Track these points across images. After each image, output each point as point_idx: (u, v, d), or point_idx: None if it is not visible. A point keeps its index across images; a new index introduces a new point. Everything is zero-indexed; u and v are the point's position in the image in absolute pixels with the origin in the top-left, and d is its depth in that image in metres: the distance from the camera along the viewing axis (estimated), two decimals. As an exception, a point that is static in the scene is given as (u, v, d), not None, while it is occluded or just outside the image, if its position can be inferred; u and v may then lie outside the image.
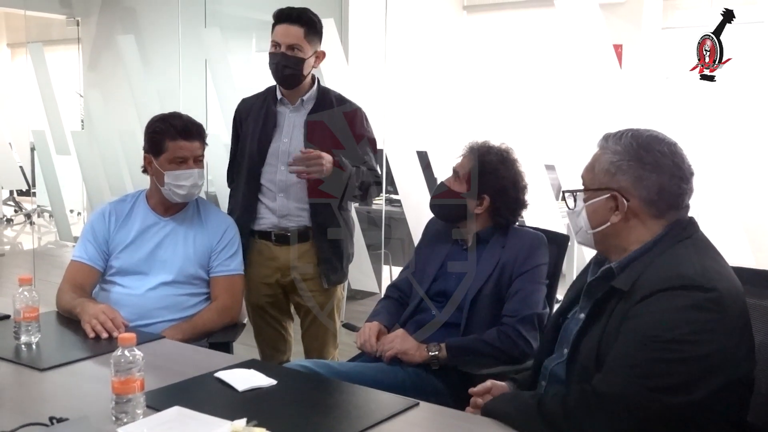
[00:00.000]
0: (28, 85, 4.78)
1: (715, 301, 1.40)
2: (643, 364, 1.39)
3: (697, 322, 1.39)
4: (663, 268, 1.47)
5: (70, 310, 2.30)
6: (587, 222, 1.60)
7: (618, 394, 1.38)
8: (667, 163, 1.51)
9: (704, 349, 1.38)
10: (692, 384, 1.37)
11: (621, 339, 1.45)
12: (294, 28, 2.59)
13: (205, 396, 1.69)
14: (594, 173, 1.59)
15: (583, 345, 1.56)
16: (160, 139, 2.37)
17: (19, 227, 8.58)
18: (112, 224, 2.44)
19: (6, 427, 1.41)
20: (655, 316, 1.41)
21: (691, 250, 1.49)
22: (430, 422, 1.61)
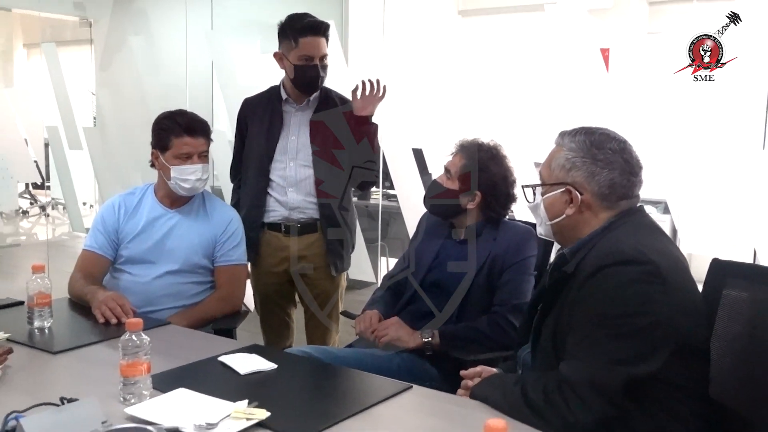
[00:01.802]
0: (43, 83, 4.77)
1: (653, 273, 1.43)
2: (600, 342, 1.43)
3: (638, 294, 1.43)
4: (602, 248, 1.51)
5: (81, 296, 2.31)
6: (545, 214, 1.65)
7: (585, 377, 1.41)
8: (618, 159, 1.56)
9: (650, 319, 1.42)
10: (648, 353, 1.41)
11: (575, 325, 1.49)
12: (323, 40, 2.64)
13: (209, 379, 1.69)
14: (551, 169, 1.64)
15: (543, 332, 1.61)
16: (167, 136, 2.37)
17: (34, 219, 8.56)
18: (122, 216, 2.44)
19: (19, 407, 1.41)
20: (599, 296, 1.46)
21: (630, 230, 1.54)
22: (423, 405, 1.61)
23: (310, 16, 2.67)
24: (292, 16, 2.68)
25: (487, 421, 1.04)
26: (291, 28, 2.64)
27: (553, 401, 1.41)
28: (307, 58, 2.62)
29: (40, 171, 6.93)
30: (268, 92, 2.81)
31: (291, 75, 2.67)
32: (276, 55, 2.71)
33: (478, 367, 1.72)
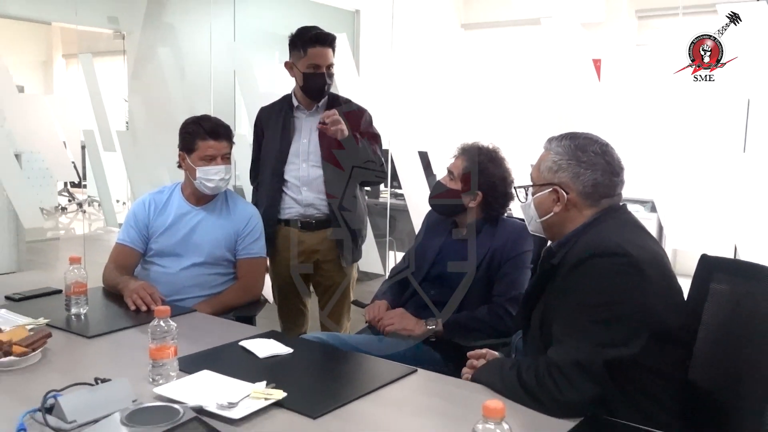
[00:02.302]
0: (80, 90, 4.78)
1: (631, 265, 1.44)
2: (583, 328, 1.44)
3: (617, 284, 1.44)
4: (585, 242, 1.53)
5: (114, 286, 2.32)
6: (536, 212, 1.66)
7: (570, 359, 1.41)
8: (600, 161, 1.58)
9: (627, 308, 1.43)
10: (626, 338, 1.42)
11: (560, 313, 1.50)
12: (329, 50, 2.64)
13: (231, 362, 1.70)
14: (540, 171, 1.66)
15: (532, 318, 1.62)
16: (192, 139, 2.38)
17: (72, 215, 8.61)
18: (152, 212, 2.45)
19: (57, 386, 1.42)
20: (582, 286, 1.47)
21: (612, 226, 1.55)
22: (426, 387, 1.61)
23: (318, 28, 2.67)
24: (302, 28, 2.68)
25: (486, 402, 1.05)
26: (300, 39, 2.64)
27: (544, 383, 1.42)
28: (315, 67, 2.62)
29: (78, 171, 6.96)
30: (281, 101, 2.82)
31: (300, 83, 2.67)
32: (287, 64, 2.71)
33: (483, 350, 1.72)
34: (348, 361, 1.81)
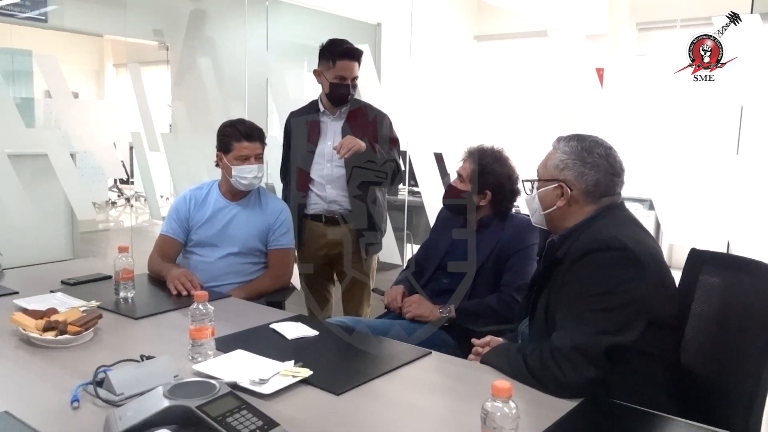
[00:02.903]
0: (128, 96, 4.82)
1: (629, 258, 1.43)
2: (583, 316, 1.43)
3: (616, 276, 1.43)
4: (587, 236, 1.51)
5: (158, 272, 2.34)
6: (539, 205, 1.65)
7: (572, 344, 1.40)
8: (603, 163, 1.57)
9: (625, 298, 1.42)
10: (625, 325, 1.40)
11: (563, 301, 1.49)
12: (356, 64, 2.65)
13: (262, 342, 1.70)
14: (546, 167, 1.64)
15: (537, 307, 1.61)
16: (229, 141, 2.38)
17: (120, 208, 8.70)
18: (192, 206, 2.46)
19: (107, 362, 1.44)
20: (584, 277, 1.46)
21: (611, 222, 1.53)
22: (440, 368, 1.61)
23: (347, 42, 2.67)
24: (333, 40, 2.68)
25: (494, 382, 1.04)
26: (330, 51, 2.64)
27: (547, 366, 1.41)
28: (341, 78, 2.62)
29: (126, 169, 7.02)
30: (308, 106, 2.82)
31: (326, 90, 2.67)
32: (315, 72, 2.72)
33: (487, 337, 1.71)
34: (368, 343, 1.81)
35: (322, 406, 1.34)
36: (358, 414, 1.31)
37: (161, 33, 6.16)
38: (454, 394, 1.46)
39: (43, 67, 4.09)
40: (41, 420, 1.23)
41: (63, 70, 4.10)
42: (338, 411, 1.32)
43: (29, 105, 6.51)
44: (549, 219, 1.65)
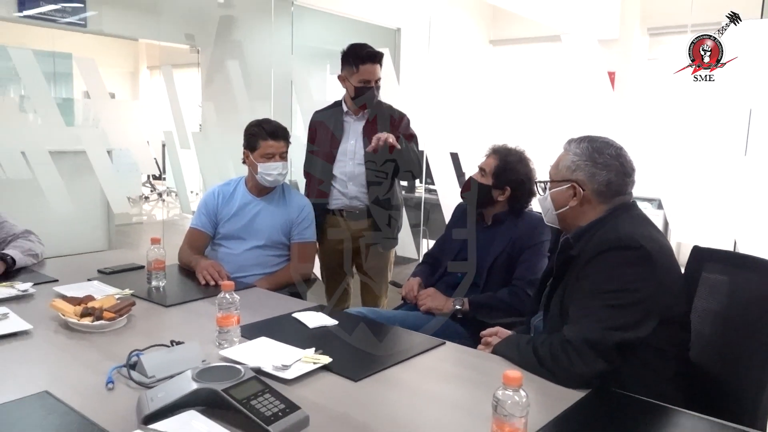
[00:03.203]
0: (161, 97, 4.86)
1: (643, 257, 1.40)
2: (596, 311, 1.41)
3: (630, 274, 1.40)
4: (603, 235, 1.48)
5: (187, 263, 2.36)
6: (552, 205, 1.63)
7: (583, 338, 1.38)
8: (614, 163, 1.54)
9: (639, 295, 1.39)
10: (636, 322, 1.38)
11: (577, 296, 1.47)
12: (378, 66, 2.65)
13: (285, 330, 1.71)
14: (558, 169, 1.62)
15: (552, 303, 1.58)
16: (255, 139, 2.39)
17: (153, 203, 8.79)
18: (220, 201, 2.48)
19: (139, 346, 1.45)
20: (599, 274, 1.43)
21: (626, 221, 1.51)
22: (453, 357, 1.60)
23: (368, 46, 2.66)
24: (354, 45, 2.67)
25: (506, 372, 1.04)
26: (353, 55, 2.63)
27: (557, 357, 1.39)
28: (365, 82, 2.62)
29: (158, 165, 7.12)
30: (332, 106, 2.82)
31: (351, 94, 2.67)
32: (339, 77, 2.71)
33: (495, 328, 1.70)
34: (385, 332, 1.80)
35: (340, 392, 1.34)
36: (375, 399, 1.32)
37: (193, 37, 6.21)
38: (466, 382, 1.46)
39: (83, 69, 4.15)
40: (78, 400, 1.25)
41: (100, 72, 4.15)
42: (356, 396, 1.33)
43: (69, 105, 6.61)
44: (562, 218, 1.63)
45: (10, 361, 1.45)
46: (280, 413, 1.14)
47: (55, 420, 1.16)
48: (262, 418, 1.12)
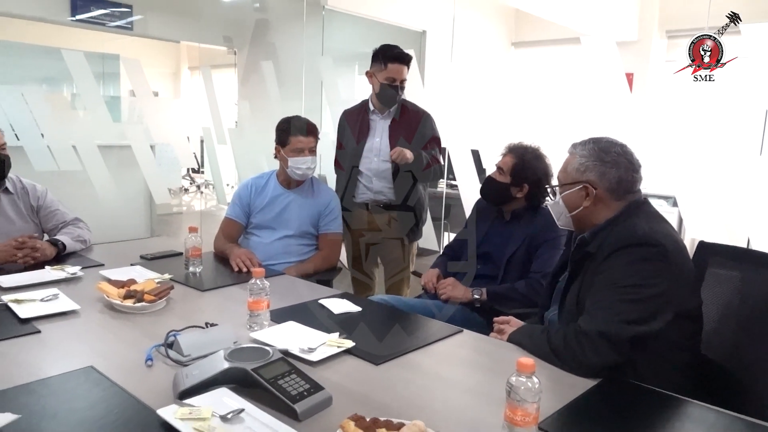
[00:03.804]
0: (200, 95, 4.92)
1: (661, 253, 1.37)
2: (613, 305, 1.38)
3: (647, 270, 1.37)
4: (620, 232, 1.45)
5: (222, 251, 2.38)
6: (565, 208, 1.60)
7: (598, 329, 1.36)
8: (622, 160, 1.52)
9: (655, 290, 1.36)
10: (651, 316, 1.35)
11: (594, 290, 1.44)
12: (405, 67, 2.64)
13: (311, 315, 1.72)
14: (567, 172, 1.59)
15: (568, 297, 1.56)
16: (286, 135, 2.40)
17: (192, 194, 8.91)
18: (253, 193, 2.50)
19: (177, 327, 1.48)
20: (616, 269, 1.40)
21: (642, 218, 1.47)
22: (470, 344, 1.60)
23: (398, 47, 2.66)
24: (385, 45, 2.67)
25: (519, 359, 1.03)
26: (383, 54, 2.63)
27: (570, 346, 1.37)
28: (391, 80, 2.61)
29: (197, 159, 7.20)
30: (359, 105, 2.82)
31: (377, 90, 2.67)
32: (367, 73, 2.71)
33: (508, 317, 1.69)
34: (406, 319, 1.81)
35: (362, 374, 1.35)
36: (394, 382, 1.32)
37: (230, 39, 6.27)
38: (482, 368, 1.45)
39: (129, 70, 4.22)
40: (120, 375, 1.27)
41: (145, 72, 4.21)
42: (376, 379, 1.33)
43: (116, 102, 6.73)
44: (576, 220, 1.59)
45: (59, 338, 1.49)
46: (305, 392, 1.15)
47: (98, 393, 1.19)
48: (289, 396, 1.13)
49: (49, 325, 1.56)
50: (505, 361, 1.42)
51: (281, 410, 1.12)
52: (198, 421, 1.06)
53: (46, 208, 2.36)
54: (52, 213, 2.37)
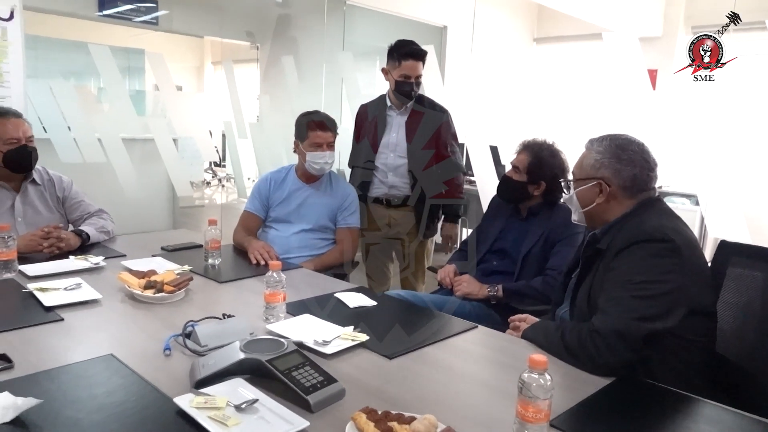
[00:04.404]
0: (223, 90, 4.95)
1: (672, 249, 1.36)
2: (625, 301, 1.36)
3: (659, 266, 1.36)
4: (630, 229, 1.44)
5: (241, 244, 2.40)
6: (578, 204, 1.59)
7: (612, 328, 1.34)
8: (638, 158, 1.50)
9: (668, 286, 1.34)
10: (665, 313, 1.33)
11: (606, 287, 1.42)
12: (420, 64, 2.64)
13: (327, 309, 1.73)
14: (582, 168, 1.58)
15: (579, 294, 1.55)
16: (305, 130, 2.41)
17: (214, 187, 8.99)
18: (272, 187, 2.51)
19: (195, 318, 1.49)
20: (628, 265, 1.39)
21: (653, 215, 1.46)
22: (484, 340, 1.59)
23: (414, 43, 2.64)
24: (400, 41, 2.66)
25: (531, 355, 1.02)
26: (398, 51, 2.63)
27: (585, 345, 1.36)
28: (406, 77, 2.61)
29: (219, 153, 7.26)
30: (377, 99, 2.82)
31: (392, 87, 2.67)
32: (383, 70, 2.72)
33: (524, 314, 1.68)
34: (421, 314, 1.81)
35: (375, 368, 1.35)
36: (407, 376, 1.32)
37: (252, 35, 6.31)
38: (495, 364, 1.45)
39: (153, 64, 4.26)
40: (139, 363, 1.30)
41: (169, 67, 4.25)
42: (389, 372, 1.33)
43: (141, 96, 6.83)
44: (589, 216, 1.59)
45: (81, 326, 1.52)
46: (318, 384, 1.16)
47: (117, 380, 1.22)
48: (302, 388, 1.14)
49: (72, 313, 1.59)
50: (518, 358, 1.42)
51: (294, 401, 1.13)
52: (213, 410, 1.08)
53: (71, 199, 2.41)
54: (77, 204, 2.42)
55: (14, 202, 2.26)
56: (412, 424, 1.04)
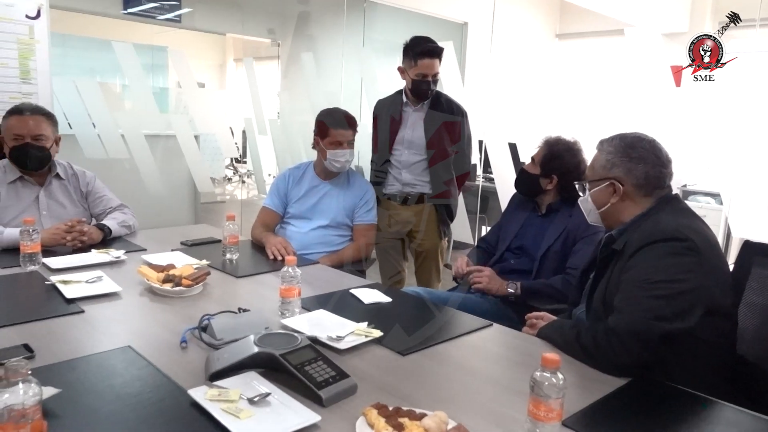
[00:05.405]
0: (244, 87, 5.00)
1: (690, 248, 1.33)
2: (642, 301, 1.34)
3: (676, 265, 1.33)
4: (646, 228, 1.42)
5: (259, 239, 2.42)
6: (593, 205, 1.57)
7: (629, 328, 1.32)
8: (649, 156, 1.48)
9: (686, 286, 1.31)
10: (682, 313, 1.31)
11: (622, 287, 1.40)
12: (436, 61, 2.62)
13: (341, 304, 1.74)
14: (594, 169, 1.57)
15: (595, 295, 1.53)
16: (325, 127, 2.41)
17: (235, 184, 9.09)
18: (290, 183, 2.52)
19: (211, 311, 1.51)
20: (645, 265, 1.36)
21: (670, 214, 1.43)
22: (498, 338, 1.58)
23: (430, 40, 2.62)
24: (415, 39, 2.63)
25: (544, 354, 1.01)
26: (412, 49, 2.61)
27: (600, 344, 1.34)
28: (423, 76, 2.59)
29: (239, 150, 7.34)
30: (394, 95, 2.81)
31: (409, 86, 2.66)
32: (399, 69, 2.71)
33: (541, 312, 1.66)
34: (436, 312, 1.79)
35: (388, 364, 1.35)
36: (420, 373, 1.32)
37: (274, 32, 6.35)
38: (509, 362, 1.44)
39: (175, 61, 4.32)
40: (156, 355, 1.32)
41: (192, 64, 4.30)
42: (402, 369, 1.33)
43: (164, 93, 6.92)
44: (605, 217, 1.57)
45: (100, 318, 1.55)
46: (330, 379, 1.17)
47: (134, 371, 1.24)
48: (314, 382, 1.15)
49: (92, 305, 1.62)
50: (532, 356, 1.41)
51: (307, 395, 1.14)
52: (226, 402, 1.09)
53: (94, 194, 2.45)
54: (100, 198, 2.46)
55: (39, 195, 2.31)
56: (422, 420, 1.04)
